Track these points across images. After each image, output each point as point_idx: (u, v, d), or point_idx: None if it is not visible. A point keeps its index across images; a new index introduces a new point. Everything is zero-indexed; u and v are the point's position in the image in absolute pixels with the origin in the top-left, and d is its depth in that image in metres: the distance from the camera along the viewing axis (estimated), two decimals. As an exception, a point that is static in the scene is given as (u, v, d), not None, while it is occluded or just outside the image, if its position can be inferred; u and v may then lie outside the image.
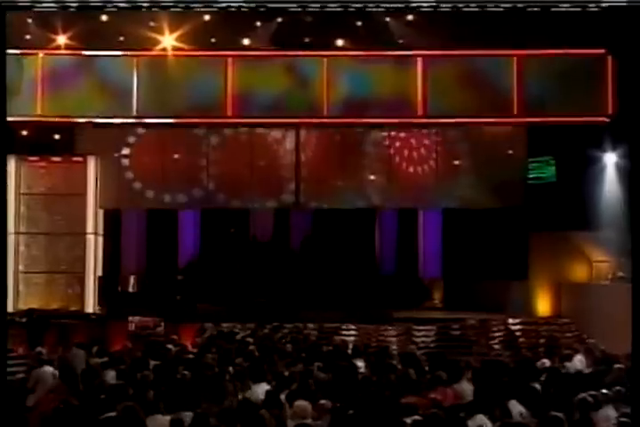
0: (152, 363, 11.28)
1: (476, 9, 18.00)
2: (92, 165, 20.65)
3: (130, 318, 19.00)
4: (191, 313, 19.77)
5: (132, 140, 20.74)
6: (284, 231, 23.90)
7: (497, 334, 18.67)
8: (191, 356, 12.51)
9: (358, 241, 24.04)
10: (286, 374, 10.52)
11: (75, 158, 20.63)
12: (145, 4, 18.19)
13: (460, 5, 18.07)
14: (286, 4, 18.48)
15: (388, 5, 18.55)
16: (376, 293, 21.58)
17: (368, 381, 10.12)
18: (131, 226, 22.96)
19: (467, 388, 9.84)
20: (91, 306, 20.54)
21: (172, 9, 18.33)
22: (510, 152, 20.20)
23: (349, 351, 13.53)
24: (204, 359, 11.80)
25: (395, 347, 16.57)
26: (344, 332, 18.60)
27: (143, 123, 20.36)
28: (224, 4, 18.03)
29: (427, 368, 11.30)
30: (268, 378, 10.11)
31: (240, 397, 9.09)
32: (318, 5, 18.34)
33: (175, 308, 20.19)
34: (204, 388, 8.96)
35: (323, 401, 8.51)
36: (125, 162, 20.84)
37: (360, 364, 11.93)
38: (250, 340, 14.81)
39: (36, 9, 18.34)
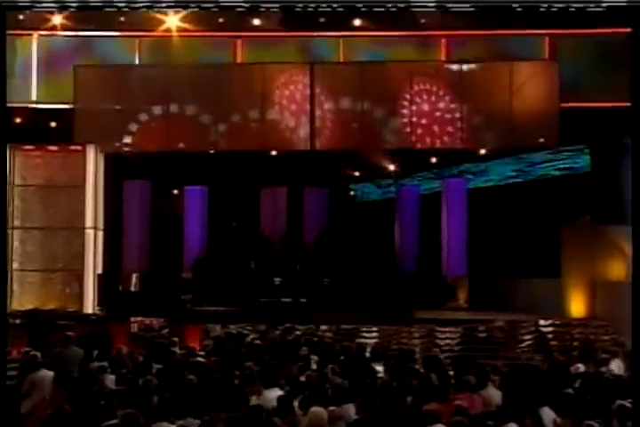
0: (155, 367, 11.26)
1: (473, 9, 18.11)
2: (91, 154, 20.66)
3: (132, 319, 19.02)
4: (197, 314, 19.78)
5: (134, 128, 20.76)
6: (297, 226, 23.86)
7: (527, 337, 18.58)
8: (198, 359, 12.47)
9: (377, 237, 23.96)
10: (301, 378, 10.49)
11: (73, 147, 20.63)
12: (145, 4, 18.23)
13: (465, 5, 18.14)
14: (286, 4, 18.44)
15: (388, 5, 18.52)
16: (396, 292, 21.44)
17: (388, 386, 10.08)
18: (133, 220, 22.88)
19: (494, 394, 9.79)
20: (90, 306, 20.56)
21: (172, 9, 18.41)
22: (542, 140, 20.10)
23: (368, 355, 13.49)
24: (211, 363, 11.78)
25: (417, 350, 16.50)
26: (362, 334, 18.62)
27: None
28: (224, 4, 18.05)
29: (451, 373, 11.25)
30: (280, 383, 10.08)
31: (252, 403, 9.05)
32: (319, 5, 18.38)
33: (180, 308, 20.19)
34: (211, 394, 8.93)
35: (332, 408, 8.47)
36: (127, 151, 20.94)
37: (379, 368, 11.90)
38: (258, 342, 14.78)
39: (35, 9, 18.41)
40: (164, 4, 18.35)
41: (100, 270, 21.02)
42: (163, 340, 16.63)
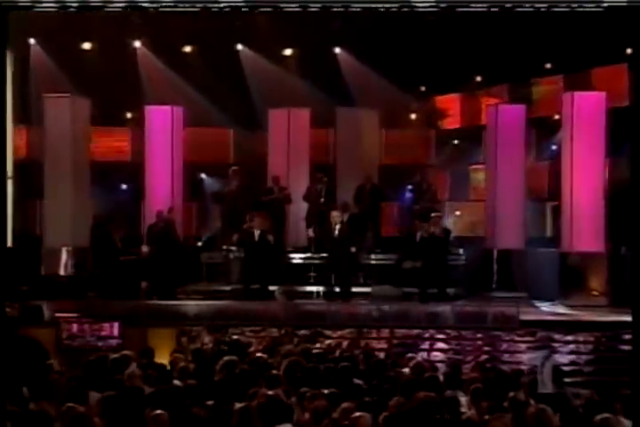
0: (96, 396, 11.31)
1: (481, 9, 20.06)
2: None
3: (61, 321, 19.15)
4: (167, 311, 19.90)
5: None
6: (328, 170, 23.92)
7: None
8: (173, 383, 12.59)
9: (451, 188, 24.12)
10: (334, 415, 10.52)
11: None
12: (145, 4, 20.60)
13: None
14: (287, 4, 20.40)
15: (387, 5, 20.38)
16: (486, 278, 21.56)
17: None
18: (62, 161, 22.89)
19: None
20: (-7, 299, 20.76)
21: (171, 9, 20.79)
22: None
23: (441, 378, 13.54)
24: (190, 389, 11.85)
25: (522, 370, 16.51)
26: (432, 344, 18.71)
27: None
28: (224, 5, 20.54)
29: (580, 409, 11.25)
30: (301, 419, 10.12)
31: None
32: (319, 5, 20.58)
33: (139, 302, 20.34)
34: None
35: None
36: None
37: (462, 398, 11.96)
38: (266, 357, 14.86)
39: (36, 9, 20.19)
40: (164, 4, 20.34)
41: (8, 242, 21.16)
42: (110, 353, 16.75)
